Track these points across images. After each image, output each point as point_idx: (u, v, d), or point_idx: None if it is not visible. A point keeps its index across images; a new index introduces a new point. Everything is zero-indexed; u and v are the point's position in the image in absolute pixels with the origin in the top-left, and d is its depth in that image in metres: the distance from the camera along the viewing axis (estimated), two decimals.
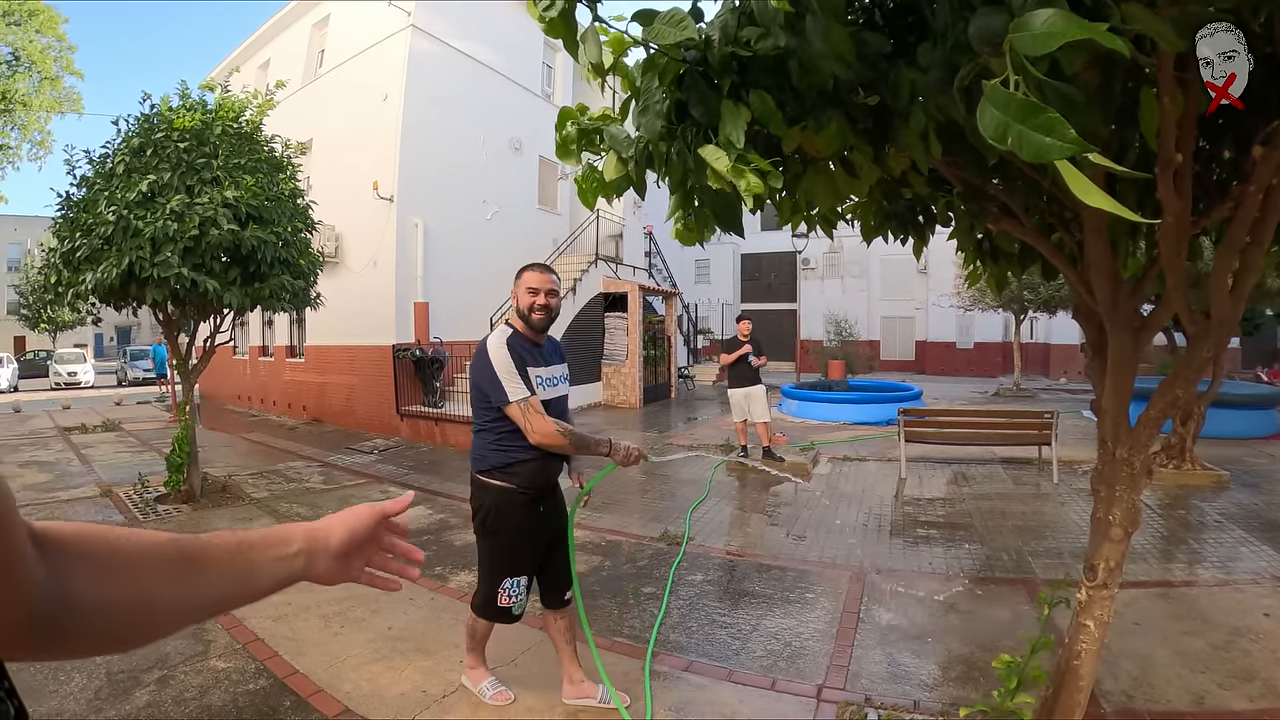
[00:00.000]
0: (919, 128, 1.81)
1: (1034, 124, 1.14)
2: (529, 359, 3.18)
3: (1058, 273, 3.05)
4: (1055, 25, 1.11)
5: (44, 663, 4.01)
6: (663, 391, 18.85)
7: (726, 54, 1.70)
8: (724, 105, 1.70)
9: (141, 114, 7.51)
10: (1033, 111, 1.14)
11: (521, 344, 3.20)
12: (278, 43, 18.27)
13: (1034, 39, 1.13)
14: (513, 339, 3.18)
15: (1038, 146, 1.14)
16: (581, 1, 1.80)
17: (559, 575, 3.46)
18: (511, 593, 3.23)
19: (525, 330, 3.27)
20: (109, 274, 6.54)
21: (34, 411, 18.90)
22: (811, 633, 4.40)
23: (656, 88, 1.85)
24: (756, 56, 1.67)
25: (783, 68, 1.70)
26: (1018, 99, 1.16)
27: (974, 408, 13.32)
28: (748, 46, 1.66)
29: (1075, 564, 5.53)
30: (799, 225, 2.66)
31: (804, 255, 21.85)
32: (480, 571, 3.34)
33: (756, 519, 7.16)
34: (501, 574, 3.23)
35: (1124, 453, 2.61)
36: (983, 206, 2.45)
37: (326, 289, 9.90)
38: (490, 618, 3.34)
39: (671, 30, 1.64)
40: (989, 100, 1.20)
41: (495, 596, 3.24)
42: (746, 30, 1.68)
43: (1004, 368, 26.23)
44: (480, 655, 3.59)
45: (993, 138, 1.19)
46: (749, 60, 1.71)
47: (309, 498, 8.32)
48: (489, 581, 3.27)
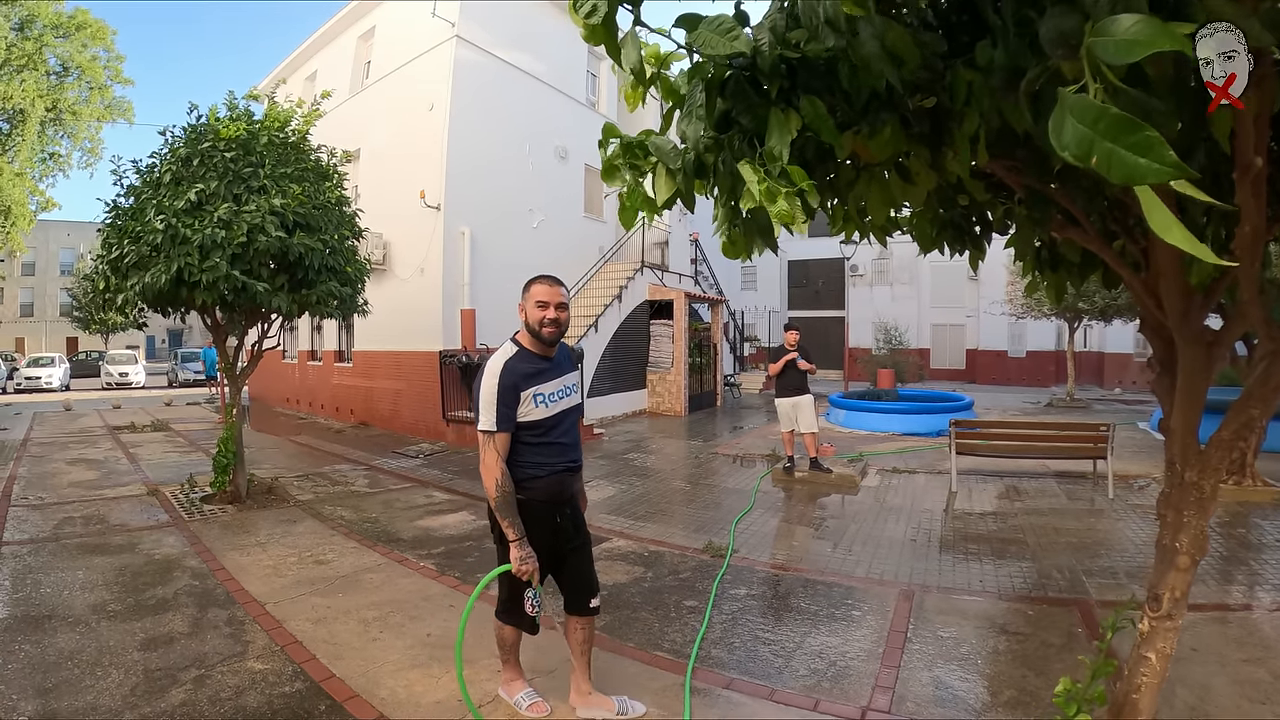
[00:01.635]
0: (970, 131, 1.71)
1: (1128, 143, 1.02)
2: (534, 378, 3.18)
3: (1118, 282, 2.91)
4: (1141, 33, 1.01)
5: (83, 658, 4.08)
6: (708, 400, 18.71)
7: (775, 58, 1.61)
8: (772, 113, 1.62)
9: (188, 124, 7.66)
10: (1127, 129, 1.03)
11: (525, 364, 3.19)
12: (324, 55, 18.60)
13: (1116, 47, 1.03)
14: (513, 362, 3.17)
15: (1130, 169, 1.02)
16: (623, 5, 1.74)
17: (584, 579, 3.43)
18: (533, 601, 3.20)
19: (534, 345, 3.24)
20: (157, 279, 6.67)
21: (84, 410, 19.46)
22: (857, 652, 4.27)
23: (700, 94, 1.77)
24: (805, 60, 1.59)
25: (833, 71, 1.61)
26: (1110, 113, 1.04)
27: (1027, 419, 12.99)
28: (796, 49, 1.58)
29: (1131, 584, 5.34)
30: (851, 233, 2.56)
31: (852, 262, 21.58)
32: (503, 580, 3.33)
33: (802, 532, 7.02)
34: (523, 584, 3.20)
35: (1193, 476, 2.47)
36: (1046, 213, 2.32)
37: (374, 296, 10.02)
38: (514, 623, 3.36)
39: (720, 39, 1.57)
40: (1071, 113, 1.09)
41: (519, 603, 3.23)
42: (794, 33, 1.60)
43: (1057, 377, 25.64)
44: (515, 665, 3.57)
45: (1075, 156, 1.08)
46: (797, 64, 1.62)
47: (353, 501, 8.39)
48: (510, 588, 3.28)
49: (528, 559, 3.08)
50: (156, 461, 11.04)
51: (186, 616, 4.79)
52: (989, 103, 1.61)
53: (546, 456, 3.23)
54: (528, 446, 3.19)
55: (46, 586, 5.38)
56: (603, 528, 6.99)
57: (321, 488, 9.11)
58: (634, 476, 9.74)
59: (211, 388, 24.07)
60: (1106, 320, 18.18)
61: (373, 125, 15.63)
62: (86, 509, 7.81)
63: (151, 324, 9.64)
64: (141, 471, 10.17)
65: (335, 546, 6.43)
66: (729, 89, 1.71)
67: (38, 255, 50.19)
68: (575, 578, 3.42)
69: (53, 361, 31.71)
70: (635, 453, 11.77)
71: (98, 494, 8.63)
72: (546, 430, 3.22)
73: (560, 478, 3.27)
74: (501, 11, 14.67)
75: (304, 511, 7.75)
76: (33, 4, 26.29)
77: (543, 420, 3.20)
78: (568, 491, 3.36)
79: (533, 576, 3.12)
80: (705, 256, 22.45)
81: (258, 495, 8.29)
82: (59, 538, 6.69)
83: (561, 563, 3.38)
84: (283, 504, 8.08)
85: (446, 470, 10.40)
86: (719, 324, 20.08)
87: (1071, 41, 1.11)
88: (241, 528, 7.04)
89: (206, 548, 6.34)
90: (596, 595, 3.45)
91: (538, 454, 3.20)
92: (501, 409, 3.09)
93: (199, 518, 7.41)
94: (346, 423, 15.94)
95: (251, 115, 7.91)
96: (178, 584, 5.44)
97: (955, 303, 28.76)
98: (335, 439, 13.88)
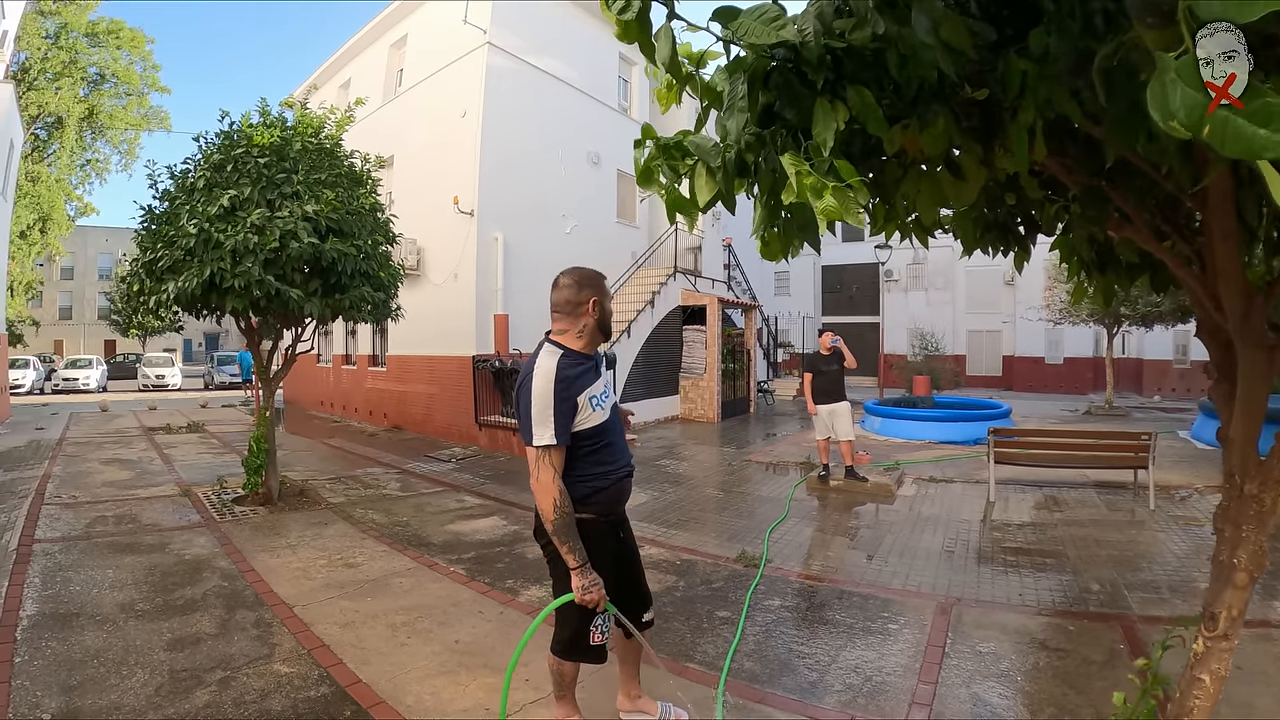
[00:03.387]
0: (1027, 123, 1.62)
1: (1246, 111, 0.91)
2: (586, 380, 2.89)
3: (1168, 284, 2.78)
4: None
5: (109, 657, 4.08)
6: (741, 406, 18.56)
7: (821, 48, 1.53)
8: (818, 103, 1.53)
9: (221, 131, 7.74)
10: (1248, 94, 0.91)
11: (575, 367, 2.88)
12: (357, 63, 18.85)
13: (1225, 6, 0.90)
14: (565, 362, 2.85)
15: (1248, 141, 0.91)
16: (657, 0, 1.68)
17: (639, 593, 3.26)
18: (603, 629, 2.96)
19: (586, 345, 2.98)
20: (190, 283, 6.74)
21: (120, 411, 19.83)
22: (893, 667, 4.15)
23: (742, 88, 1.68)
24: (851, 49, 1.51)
25: (880, 60, 1.53)
26: None
27: (1066, 427, 12.71)
28: (841, 38, 1.49)
29: (1174, 598, 5.18)
30: (891, 234, 2.46)
31: (887, 266, 21.32)
32: (568, 616, 2.96)
33: (837, 542, 6.89)
34: (590, 615, 2.93)
35: (1253, 488, 2.33)
36: (1103, 211, 2.21)
37: (408, 301, 10.06)
38: (580, 657, 3.02)
39: (764, 28, 1.48)
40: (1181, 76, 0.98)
41: (586, 635, 2.94)
42: (840, 21, 1.52)
43: (1094, 384, 25.12)
44: (572, 702, 3.19)
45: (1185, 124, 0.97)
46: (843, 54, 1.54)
47: (384, 504, 8.41)
48: (578, 620, 2.93)
49: (592, 587, 2.75)
50: (190, 462, 11.19)
51: (214, 617, 4.80)
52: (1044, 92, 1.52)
53: (606, 464, 2.98)
54: (585, 456, 2.90)
55: (76, 584, 5.42)
56: (635, 535, 6.91)
57: (353, 490, 9.15)
58: (666, 483, 9.66)
59: (247, 390, 24.41)
60: (1148, 326, 17.74)
61: (406, 132, 15.78)
62: (119, 508, 7.91)
63: (188, 327, 9.79)
64: (175, 472, 10.30)
65: (365, 550, 6.44)
66: (772, 81, 1.63)
67: (76, 259, 51.43)
68: (631, 592, 3.19)
69: (90, 363, 32.58)
70: (668, 459, 11.70)
71: (130, 493, 8.74)
72: (603, 433, 2.95)
73: (624, 484, 3.07)
74: (533, 17, 14.74)
75: (335, 514, 7.77)
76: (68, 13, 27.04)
77: (601, 425, 2.93)
78: (628, 497, 3.16)
79: (600, 603, 2.81)
80: (738, 261, 22.34)
81: (290, 497, 8.35)
82: (90, 536, 6.77)
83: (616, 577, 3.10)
84: (314, 506, 8.12)
85: (478, 475, 10.40)
86: (752, 330, 19.97)
87: (1164, 7, 1.01)
88: (272, 529, 7.08)
89: (237, 549, 6.38)
90: (651, 608, 3.31)
91: (598, 463, 2.93)
92: (559, 419, 2.75)
93: (230, 519, 7.47)
94: (379, 426, 16.06)
95: (285, 121, 7.98)
96: (207, 584, 5.47)
97: (991, 308, 28.31)
98: (368, 442, 13.98)
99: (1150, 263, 2.71)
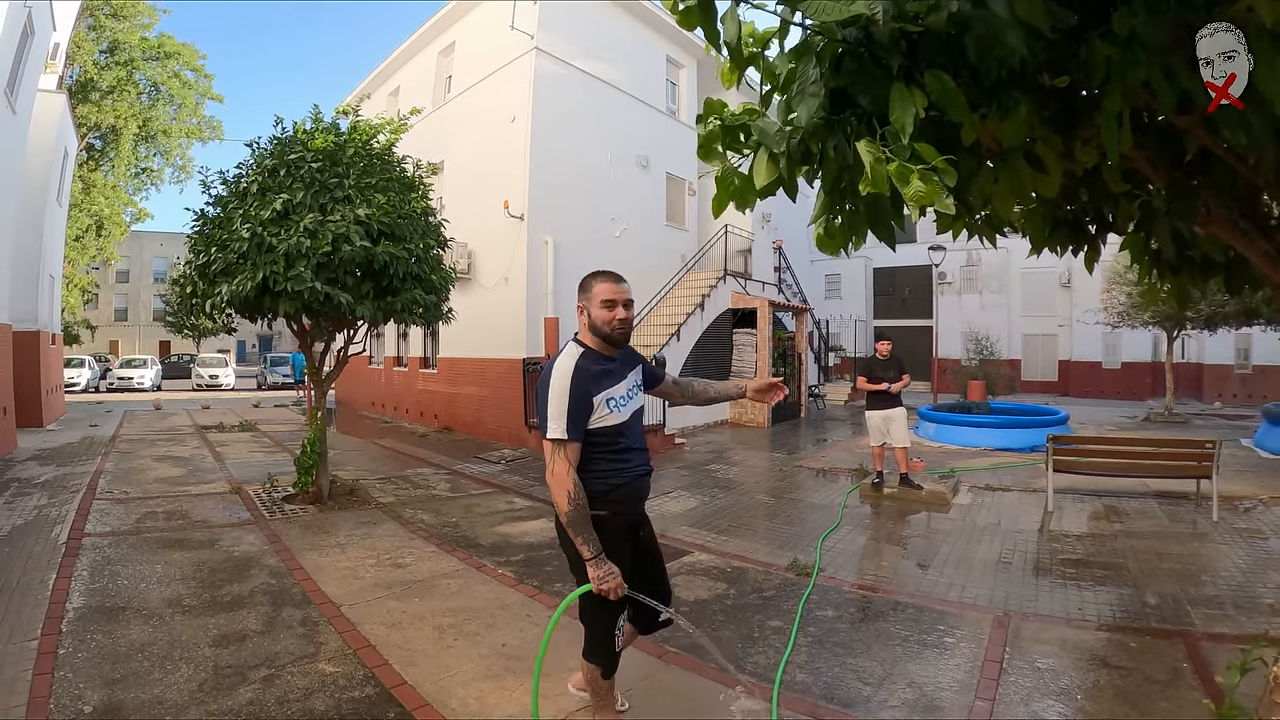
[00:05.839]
0: (1114, 111, 1.51)
1: None
2: (605, 381, 2.89)
3: (1244, 285, 2.63)
4: None
5: (154, 651, 4.12)
6: (792, 410, 18.29)
7: (895, 30, 1.44)
8: (895, 87, 1.44)
9: (274, 136, 7.85)
10: None
11: (595, 365, 2.89)
12: (406, 71, 19.15)
13: None
14: (584, 361, 2.87)
15: None
16: None
17: (660, 594, 3.14)
18: (620, 636, 2.95)
19: (602, 346, 2.95)
20: (243, 286, 6.84)
21: (174, 410, 20.35)
22: (949, 682, 4.01)
23: (813, 72, 1.60)
24: (926, 33, 1.42)
25: (956, 45, 1.44)
26: None
27: (1125, 435, 12.32)
28: (915, 21, 1.41)
29: (1238, 615, 4.94)
30: (959, 233, 2.36)
31: (940, 269, 20.90)
32: (590, 614, 2.98)
33: (891, 551, 6.73)
34: (617, 612, 2.93)
35: None
36: (1190, 206, 2.07)
37: (459, 304, 10.14)
38: (613, 661, 3.04)
39: (835, 5, 1.39)
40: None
41: (613, 640, 2.96)
42: (913, 4, 1.43)
43: (1153, 390, 24.35)
44: (612, 709, 3.22)
45: None
46: (918, 37, 1.46)
47: (434, 504, 8.45)
48: (605, 623, 2.95)
49: (608, 576, 2.76)
50: (241, 460, 11.38)
51: (260, 615, 4.84)
52: (1134, 77, 1.42)
53: (623, 462, 2.96)
54: (601, 455, 2.90)
55: (124, 578, 5.51)
56: (684, 540, 6.85)
57: (403, 491, 9.22)
58: (716, 488, 9.57)
59: (299, 391, 24.87)
60: (1211, 329, 17.08)
61: (456, 138, 15.95)
62: (169, 504, 8.06)
63: (241, 329, 9.98)
64: (226, 469, 10.48)
65: (414, 550, 6.46)
66: (844, 65, 1.55)
67: (132, 263, 53.63)
68: (654, 593, 3.09)
69: (145, 363, 33.67)
70: (717, 464, 11.58)
71: (181, 490, 8.91)
72: (619, 435, 2.95)
73: (641, 482, 3.05)
74: (579, 21, 14.77)
75: (384, 514, 7.83)
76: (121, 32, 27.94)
77: (617, 426, 2.93)
78: (645, 497, 3.14)
79: (616, 592, 2.78)
80: (789, 264, 22.12)
81: (340, 496, 8.43)
82: (140, 531, 6.90)
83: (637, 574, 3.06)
84: (364, 506, 8.18)
85: (528, 476, 10.40)
86: (803, 333, 19.73)
87: None
88: (322, 528, 7.15)
89: (286, 547, 6.45)
90: (670, 609, 3.19)
91: (613, 461, 2.92)
92: (574, 415, 2.78)
93: (280, 517, 7.56)
94: (430, 427, 16.23)
95: (338, 127, 8.07)
96: (254, 582, 5.52)
97: (1047, 311, 27.64)
98: (418, 443, 14.11)
99: (1227, 261, 2.56)
